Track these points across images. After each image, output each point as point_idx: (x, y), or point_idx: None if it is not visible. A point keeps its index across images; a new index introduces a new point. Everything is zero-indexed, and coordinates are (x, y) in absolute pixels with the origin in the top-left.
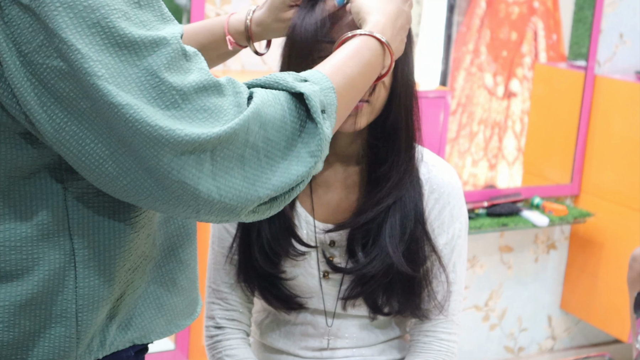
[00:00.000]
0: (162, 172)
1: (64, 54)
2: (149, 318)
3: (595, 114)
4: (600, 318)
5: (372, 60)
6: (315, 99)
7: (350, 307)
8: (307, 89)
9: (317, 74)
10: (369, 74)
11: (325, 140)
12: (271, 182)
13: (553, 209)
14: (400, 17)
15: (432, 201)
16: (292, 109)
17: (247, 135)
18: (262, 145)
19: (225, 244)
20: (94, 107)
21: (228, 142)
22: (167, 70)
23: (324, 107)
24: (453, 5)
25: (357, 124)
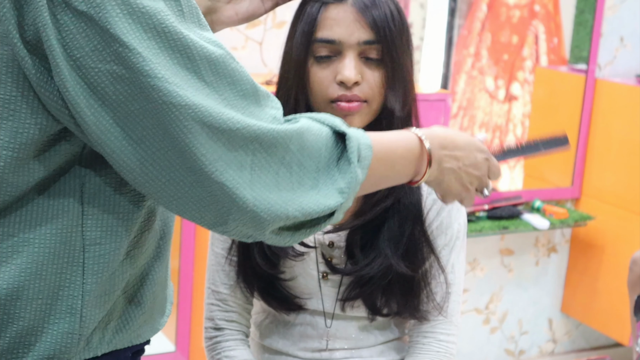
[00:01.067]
0: (206, 172)
1: (122, 58)
2: (146, 309)
3: (596, 118)
4: (601, 321)
5: (412, 157)
6: (355, 143)
7: (349, 308)
8: (351, 132)
9: (362, 132)
10: (407, 165)
11: (356, 180)
12: (300, 204)
13: (554, 212)
14: (458, 159)
15: (430, 202)
16: (331, 145)
17: (285, 153)
18: (295, 169)
19: (225, 245)
20: (146, 108)
21: (270, 147)
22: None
23: (360, 155)
24: (454, 9)
25: (353, 124)
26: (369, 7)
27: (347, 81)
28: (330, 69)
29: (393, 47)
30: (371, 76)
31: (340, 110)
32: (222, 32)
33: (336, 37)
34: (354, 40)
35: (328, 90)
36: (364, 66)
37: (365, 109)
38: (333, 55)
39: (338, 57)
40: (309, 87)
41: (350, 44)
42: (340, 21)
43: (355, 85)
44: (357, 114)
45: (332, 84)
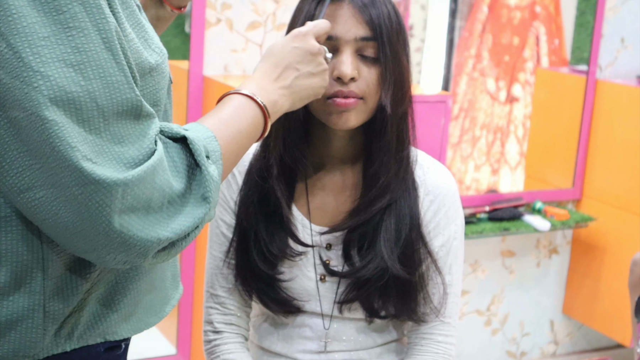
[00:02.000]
0: (78, 198)
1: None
2: (123, 314)
3: (597, 119)
4: (602, 322)
5: (255, 120)
6: (198, 143)
7: (346, 310)
8: (191, 133)
9: (198, 126)
10: (253, 132)
11: (213, 182)
12: (170, 226)
13: (555, 214)
14: (290, 66)
15: (427, 203)
16: (182, 157)
17: (154, 177)
18: (166, 190)
19: (223, 249)
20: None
21: (138, 183)
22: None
23: (208, 152)
24: (455, 10)
25: (348, 121)
26: (367, 5)
27: (343, 76)
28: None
29: (389, 45)
30: (367, 73)
31: (336, 106)
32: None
33: (333, 33)
34: (351, 36)
35: None
36: (361, 63)
37: (361, 106)
38: (330, 52)
39: (335, 54)
40: None
41: (347, 40)
42: (338, 18)
43: (351, 81)
44: (353, 110)
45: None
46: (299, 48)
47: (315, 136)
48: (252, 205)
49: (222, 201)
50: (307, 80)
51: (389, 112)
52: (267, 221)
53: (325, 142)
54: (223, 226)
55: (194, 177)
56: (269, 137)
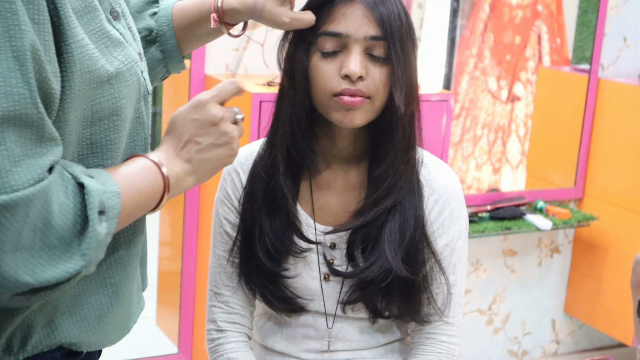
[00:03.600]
0: None
1: None
2: (85, 326)
3: (599, 118)
4: (604, 322)
5: (155, 187)
6: (95, 197)
7: (350, 310)
8: (92, 185)
9: (108, 177)
10: (151, 199)
11: (96, 241)
12: (34, 271)
13: (557, 213)
14: (191, 140)
15: (431, 203)
16: (77, 201)
17: (28, 209)
18: (40, 227)
19: (227, 247)
20: None
21: (3, 211)
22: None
23: (105, 207)
24: (456, 9)
25: (354, 120)
26: (377, 4)
27: (352, 75)
28: (336, 63)
29: (399, 45)
30: (375, 73)
31: (343, 104)
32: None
33: (343, 31)
34: (361, 35)
35: (332, 84)
36: (369, 62)
37: (367, 106)
38: (339, 50)
39: (344, 52)
40: (313, 80)
41: (356, 38)
42: (349, 16)
43: (359, 80)
44: (359, 109)
45: (336, 77)
46: (198, 120)
47: (320, 134)
48: (257, 202)
49: (226, 200)
50: (210, 153)
51: (400, 114)
52: (272, 218)
53: (330, 140)
54: (227, 225)
55: (80, 228)
56: (275, 134)
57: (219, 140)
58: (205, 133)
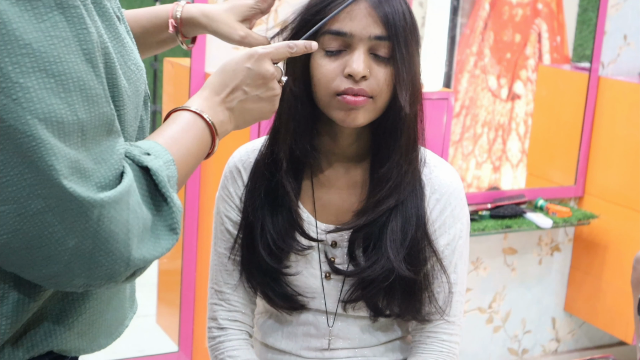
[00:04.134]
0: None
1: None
2: (77, 333)
3: (599, 116)
4: (604, 320)
5: (203, 137)
6: (162, 174)
7: (351, 308)
8: (154, 164)
9: (157, 146)
10: (201, 150)
11: (179, 212)
12: (140, 253)
13: (557, 211)
14: (238, 87)
15: (433, 202)
16: (144, 182)
17: (129, 199)
18: (139, 212)
19: (228, 245)
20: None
21: (115, 205)
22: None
23: (169, 179)
24: (456, 8)
25: (356, 119)
26: (382, 3)
27: (355, 74)
28: (339, 62)
29: (404, 45)
30: (379, 72)
31: (345, 104)
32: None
33: (348, 30)
34: (366, 34)
35: (334, 83)
36: (373, 62)
37: (370, 105)
38: (343, 49)
39: (347, 51)
40: (315, 79)
41: (361, 37)
42: (354, 15)
43: (362, 80)
44: (361, 108)
45: (339, 76)
46: (252, 70)
47: (322, 132)
48: (259, 199)
49: (227, 198)
50: (253, 104)
51: (404, 114)
52: (274, 215)
53: (332, 138)
54: (228, 223)
55: (159, 206)
56: (277, 132)
57: (265, 93)
58: (254, 84)
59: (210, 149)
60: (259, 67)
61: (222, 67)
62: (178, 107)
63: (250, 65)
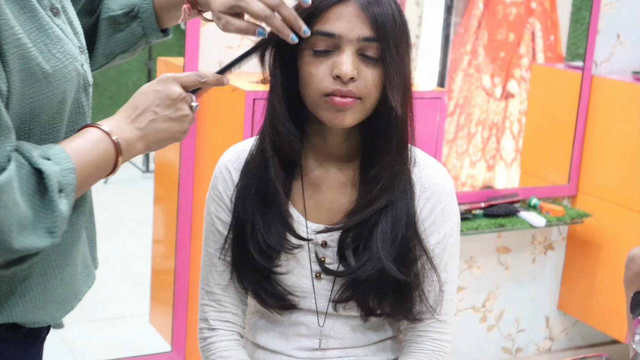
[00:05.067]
0: None
1: None
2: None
3: (593, 115)
4: (598, 318)
5: (106, 155)
6: (53, 179)
7: (341, 308)
8: (48, 169)
9: (62, 153)
10: (104, 166)
11: (61, 218)
12: (11, 247)
13: (550, 210)
14: (148, 109)
15: (423, 200)
16: (32, 183)
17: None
18: (13, 210)
19: (218, 245)
20: None
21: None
22: None
23: (62, 186)
24: (450, 7)
25: (344, 120)
26: (371, 4)
27: (343, 76)
28: (327, 63)
29: (393, 46)
30: (367, 74)
31: (333, 105)
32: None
33: (336, 31)
34: (354, 35)
35: (323, 84)
36: (361, 63)
37: (358, 106)
38: (331, 50)
39: (336, 52)
40: (304, 79)
41: (349, 39)
42: (343, 16)
43: (350, 81)
44: (349, 110)
45: (327, 77)
46: (160, 92)
47: (311, 132)
48: (249, 198)
49: (218, 198)
50: (163, 124)
51: (393, 115)
52: (264, 214)
53: (321, 138)
54: (218, 223)
55: (43, 207)
56: (267, 132)
57: (174, 114)
58: (163, 105)
59: (113, 166)
60: (167, 89)
61: (136, 92)
62: (91, 124)
63: (159, 87)
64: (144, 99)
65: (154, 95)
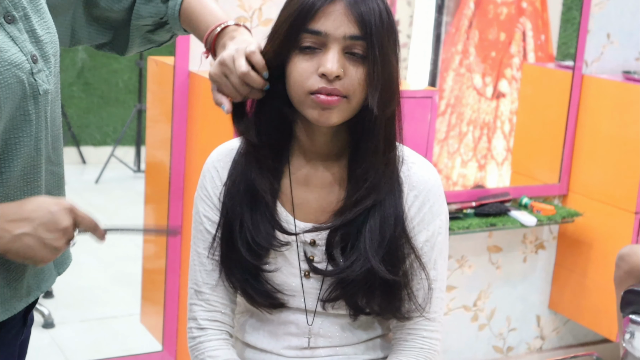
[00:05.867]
0: None
1: None
2: None
3: (583, 114)
4: (588, 317)
5: None
6: None
7: (330, 307)
8: None
9: None
10: None
11: None
12: None
13: (541, 209)
14: (30, 221)
15: (411, 199)
16: None
17: None
18: None
19: (207, 245)
20: None
21: None
22: None
23: None
24: (441, 6)
25: (330, 118)
26: (358, 2)
27: (328, 74)
28: (314, 61)
29: (378, 44)
30: (353, 72)
31: (319, 103)
32: None
33: (323, 29)
34: (340, 34)
35: (309, 82)
36: (348, 61)
37: (344, 105)
38: (317, 48)
39: (322, 50)
40: (290, 77)
41: (335, 37)
42: (329, 14)
43: (336, 79)
44: (335, 108)
45: (313, 75)
46: (51, 214)
47: (299, 130)
48: (237, 196)
49: (206, 197)
50: (34, 243)
51: (376, 114)
52: (252, 211)
53: (308, 136)
54: (207, 223)
55: None
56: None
57: (51, 242)
58: (46, 227)
59: None
60: (59, 215)
61: (34, 197)
62: None
63: (53, 209)
64: (33, 209)
65: (45, 213)
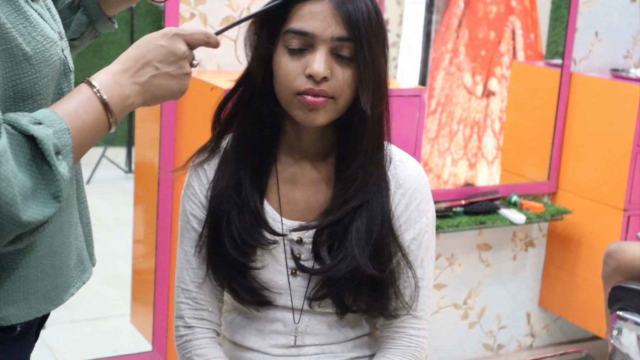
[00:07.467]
0: None
1: None
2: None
3: (572, 112)
4: (578, 315)
5: (97, 113)
6: (48, 142)
7: (317, 305)
8: (40, 133)
9: (52, 115)
10: (97, 125)
11: (64, 181)
12: (21, 219)
13: (530, 207)
14: (149, 63)
15: (398, 197)
16: (27, 151)
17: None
18: (14, 181)
19: (193, 243)
20: None
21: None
22: None
23: (58, 148)
24: (431, 5)
25: (317, 119)
26: (346, 3)
27: (316, 75)
28: (301, 62)
29: (366, 46)
30: (340, 73)
31: (306, 104)
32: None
33: (310, 29)
34: (327, 35)
35: (295, 82)
36: (335, 62)
37: (330, 106)
38: (305, 48)
39: (309, 51)
40: (277, 77)
41: (323, 38)
42: (317, 15)
43: (323, 81)
44: (322, 109)
45: (300, 76)
46: (164, 47)
47: (286, 129)
48: (224, 193)
49: (192, 196)
50: (163, 81)
51: (367, 115)
52: (239, 209)
53: (296, 135)
54: (194, 221)
55: (42, 173)
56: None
57: (176, 71)
58: (166, 61)
59: (109, 125)
60: (172, 45)
61: (136, 42)
62: (86, 79)
63: (164, 42)
64: (145, 52)
65: (158, 50)
